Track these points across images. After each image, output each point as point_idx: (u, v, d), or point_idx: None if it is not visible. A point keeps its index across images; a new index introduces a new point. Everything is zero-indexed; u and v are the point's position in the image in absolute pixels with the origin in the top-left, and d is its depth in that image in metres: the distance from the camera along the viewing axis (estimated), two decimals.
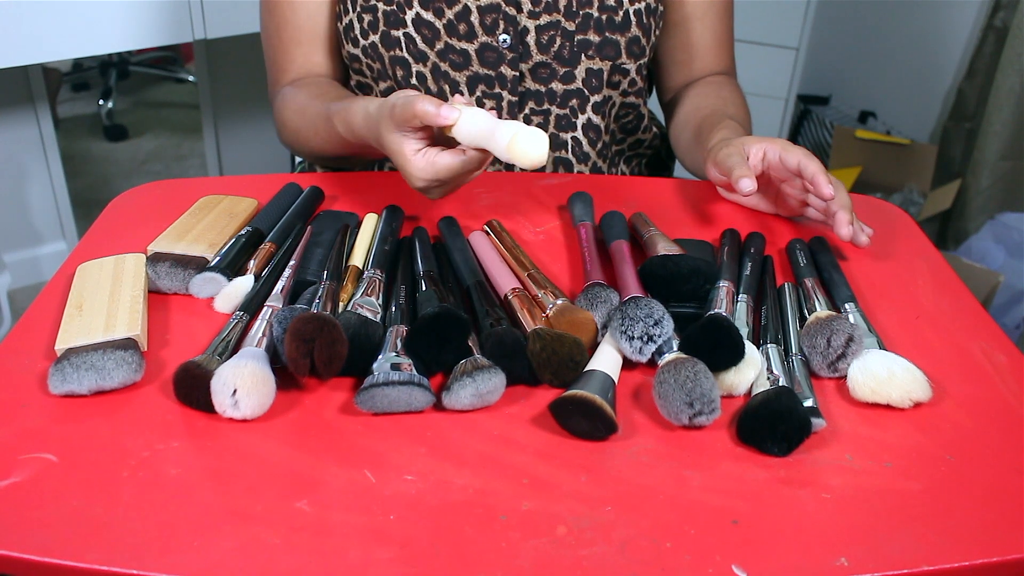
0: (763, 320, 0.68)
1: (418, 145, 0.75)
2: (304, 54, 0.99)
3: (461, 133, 0.73)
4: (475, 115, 0.72)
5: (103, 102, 3.06)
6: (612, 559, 0.49)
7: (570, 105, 0.97)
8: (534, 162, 0.68)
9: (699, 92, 1.02)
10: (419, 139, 0.75)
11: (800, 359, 0.65)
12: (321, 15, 0.98)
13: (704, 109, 0.97)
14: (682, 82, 1.06)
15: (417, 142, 0.75)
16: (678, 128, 1.02)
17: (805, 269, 0.74)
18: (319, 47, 0.99)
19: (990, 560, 0.50)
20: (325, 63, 1.00)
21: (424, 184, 0.76)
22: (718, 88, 1.01)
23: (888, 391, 0.61)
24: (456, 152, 0.74)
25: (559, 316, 0.66)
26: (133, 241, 0.77)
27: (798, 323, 0.68)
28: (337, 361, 0.60)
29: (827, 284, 0.74)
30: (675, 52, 1.05)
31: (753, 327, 0.68)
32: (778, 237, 0.84)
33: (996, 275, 1.89)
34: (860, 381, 0.62)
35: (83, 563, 0.48)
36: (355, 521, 0.51)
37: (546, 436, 0.58)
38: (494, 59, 0.93)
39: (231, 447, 0.56)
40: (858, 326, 0.65)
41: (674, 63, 1.06)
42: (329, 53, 1.00)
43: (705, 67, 1.05)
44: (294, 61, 1.00)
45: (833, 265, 0.76)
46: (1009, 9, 2.12)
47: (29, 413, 0.59)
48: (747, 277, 0.73)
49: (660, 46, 1.05)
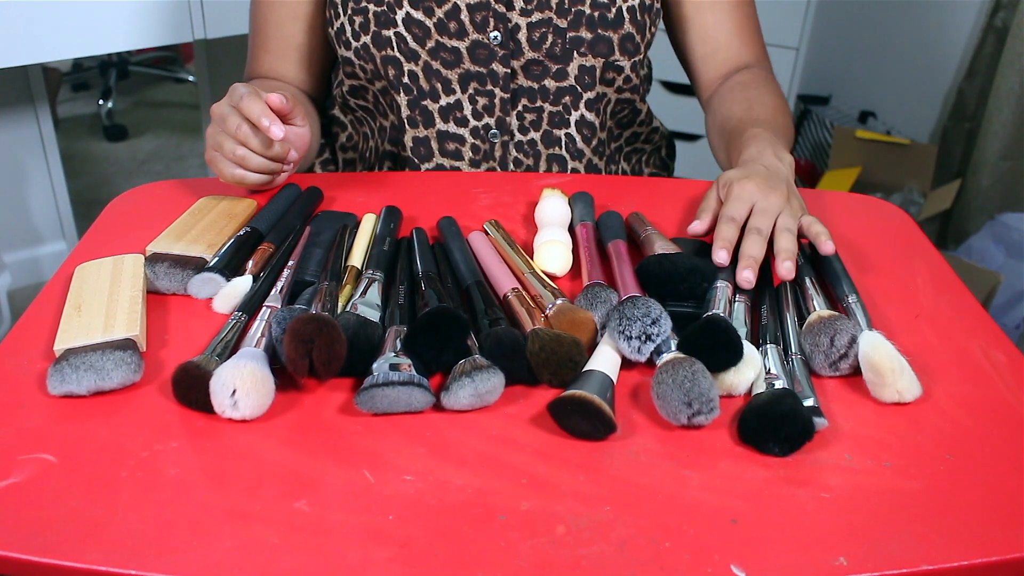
0: (763, 320, 0.68)
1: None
2: (270, 61, 1.01)
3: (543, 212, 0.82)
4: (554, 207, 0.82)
5: (103, 102, 3.06)
6: (611, 559, 0.49)
7: (563, 102, 0.97)
8: (554, 271, 0.76)
9: (725, 98, 0.98)
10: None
11: (800, 358, 0.65)
12: (294, 28, 0.99)
13: (732, 120, 0.94)
14: (714, 76, 1.03)
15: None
16: (712, 140, 0.99)
17: (804, 268, 0.74)
18: (288, 58, 1.01)
19: (990, 560, 0.50)
20: (294, 74, 1.02)
21: (225, 108, 0.81)
22: (743, 89, 0.98)
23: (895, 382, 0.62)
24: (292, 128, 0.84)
25: (558, 316, 0.66)
26: (132, 241, 0.77)
27: (797, 322, 0.68)
28: (336, 361, 0.60)
29: (828, 278, 0.74)
30: (696, 46, 1.02)
31: (752, 327, 0.68)
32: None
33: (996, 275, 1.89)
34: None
35: (82, 563, 0.48)
36: (354, 521, 0.51)
37: (545, 436, 0.58)
38: (485, 56, 0.93)
39: (230, 447, 0.56)
40: (862, 328, 0.65)
41: (699, 58, 1.03)
42: (301, 65, 1.01)
43: (732, 58, 1.01)
44: (261, 66, 1.02)
45: (837, 261, 0.76)
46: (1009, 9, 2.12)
47: (28, 414, 0.59)
48: None
49: (680, 44, 1.04)
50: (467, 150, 0.97)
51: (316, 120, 1.01)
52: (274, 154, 0.82)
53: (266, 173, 0.84)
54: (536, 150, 0.98)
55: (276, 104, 0.81)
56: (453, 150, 0.97)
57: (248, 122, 0.80)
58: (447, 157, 0.97)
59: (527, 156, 0.98)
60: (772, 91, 0.98)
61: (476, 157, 0.98)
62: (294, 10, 0.98)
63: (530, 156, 0.99)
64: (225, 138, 0.81)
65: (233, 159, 0.81)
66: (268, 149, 0.81)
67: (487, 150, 0.97)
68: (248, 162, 0.81)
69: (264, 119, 0.78)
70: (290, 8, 0.98)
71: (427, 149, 0.97)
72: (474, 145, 0.97)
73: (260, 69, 1.02)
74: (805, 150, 2.56)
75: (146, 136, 3.08)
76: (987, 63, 2.19)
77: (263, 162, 0.82)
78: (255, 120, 0.79)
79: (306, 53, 1.01)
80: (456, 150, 0.97)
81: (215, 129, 0.82)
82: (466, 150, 0.97)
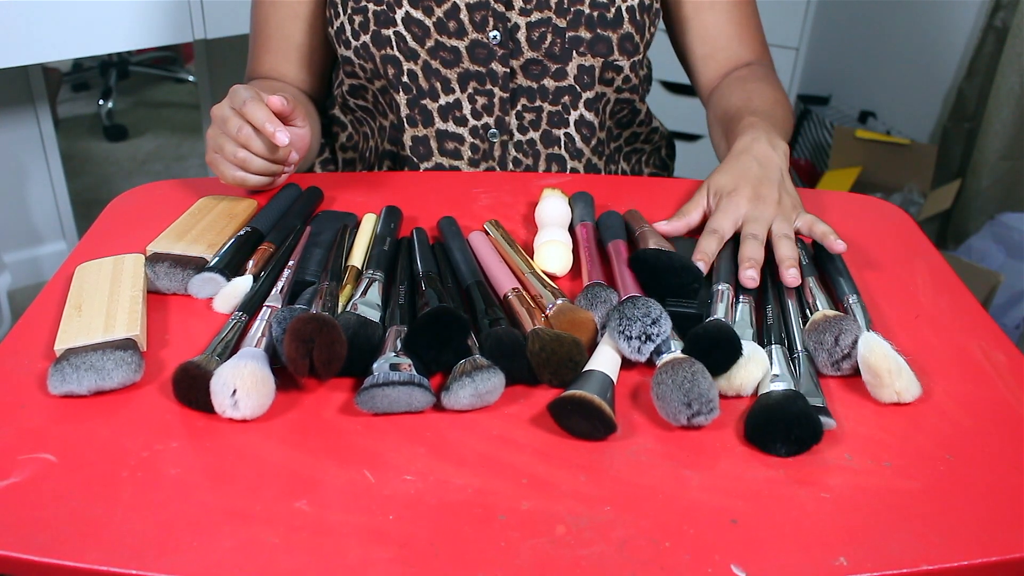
0: (768, 320, 0.68)
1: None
2: (271, 61, 1.01)
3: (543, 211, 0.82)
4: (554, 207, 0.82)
5: (103, 102, 3.06)
6: (611, 559, 0.49)
7: (562, 102, 0.97)
8: (554, 271, 0.76)
9: (725, 92, 0.99)
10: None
11: (804, 355, 0.65)
12: (295, 27, 0.99)
13: (730, 110, 0.94)
14: (715, 76, 1.03)
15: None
16: (713, 133, 0.99)
17: (807, 268, 0.74)
18: (288, 58, 1.01)
19: (989, 560, 0.50)
20: (294, 74, 1.02)
21: (226, 111, 0.81)
22: (743, 82, 0.98)
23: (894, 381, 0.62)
24: (295, 131, 0.84)
25: (558, 316, 0.66)
26: (132, 241, 0.77)
27: (801, 321, 0.68)
28: (336, 361, 0.60)
29: (830, 279, 0.74)
30: (696, 47, 1.02)
31: (757, 327, 0.68)
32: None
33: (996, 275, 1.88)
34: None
35: (82, 563, 0.48)
36: (354, 521, 0.51)
37: (545, 436, 0.58)
38: (484, 56, 0.93)
39: (230, 447, 0.56)
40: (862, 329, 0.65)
41: (699, 58, 1.03)
42: (301, 65, 1.02)
43: (732, 57, 1.01)
44: (262, 66, 1.02)
45: (839, 261, 0.76)
46: (1009, 9, 2.12)
47: (28, 413, 0.59)
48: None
49: (680, 44, 1.04)
50: (466, 149, 0.97)
51: (316, 120, 1.01)
52: (276, 157, 0.82)
53: (267, 175, 0.84)
54: (535, 150, 0.98)
55: (277, 107, 0.81)
56: (452, 149, 0.97)
57: (250, 125, 0.80)
58: (446, 156, 0.97)
59: (526, 156, 0.99)
60: (772, 85, 0.98)
61: (475, 156, 0.98)
62: (295, 10, 0.98)
63: (529, 156, 0.99)
64: (226, 140, 0.81)
65: (234, 161, 0.81)
66: (271, 152, 0.82)
67: (486, 149, 0.97)
68: (250, 165, 0.81)
69: (268, 124, 0.78)
70: (291, 8, 0.98)
71: (426, 148, 0.97)
72: (473, 144, 0.97)
73: (261, 69, 1.02)
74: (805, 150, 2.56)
75: (146, 136, 3.08)
76: (987, 63, 2.19)
77: (264, 164, 0.82)
78: (259, 126, 0.79)
79: (307, 53, 1.01)
80: (455, 149, 0.97)
81: (216, 131, 0.82)
82: (465, 149, 0.97)
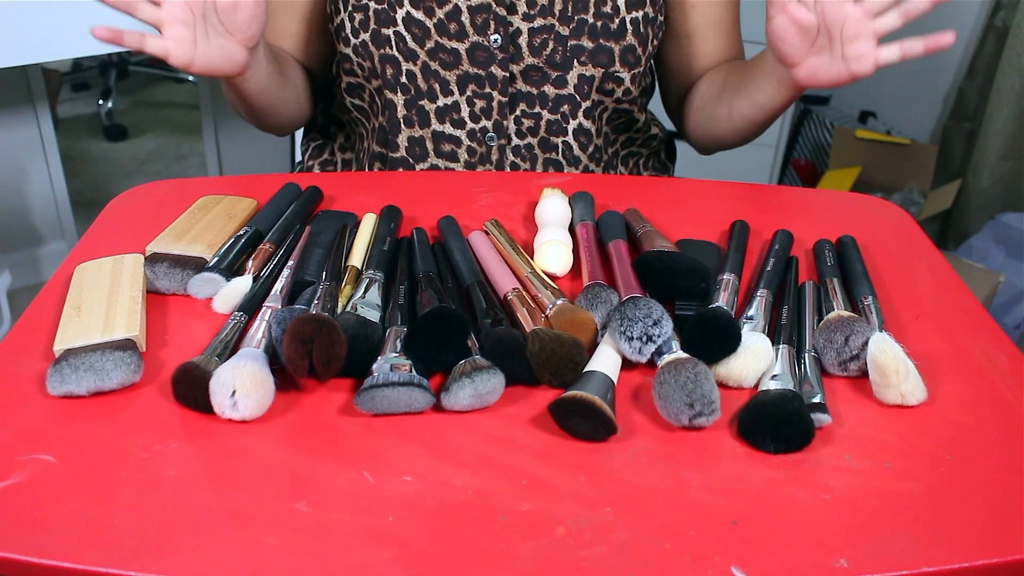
0: (782, 319, 0.68)
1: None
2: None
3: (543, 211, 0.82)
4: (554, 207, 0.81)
5: (103, 102, 3.06)
6: (611, 560, 0.49)
7: (561, 111, 0.96)
8: (554, 271, 0.75)
9: (707, 76, 1.01)
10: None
11: (812, 355, 0.65)
12: (289, 18, 0.99)
13: (722, 70, 0.97)
14: (684, 89, 1.05)
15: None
16: (703, 109, 1.00)
17: (830, 269, 0.74)
18: (283, 45, 1.00)
19: (990, 561, 0.50)
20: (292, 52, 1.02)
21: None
22: (723, 66, 1.01)
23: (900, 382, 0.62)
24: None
25: (559, 316, 0.66)
26: (132, 241, 0.77)
27: (815, 321, 0.68)
28: (336, 362, 0.60)
29: (849, 280, 0.74)
30: (693, 61, 1.03)
31: (770, 324, 0.68)
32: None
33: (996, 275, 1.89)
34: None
35: (81, 564, 0.48)
36: (354, 522, 0.51)
37: (545, 437, 0.58)
38: (484, 59, 0.93)
39: (230, 448, 0.56)
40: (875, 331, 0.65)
41: (694, 70, 1.04)
42: (296, 54, 1.01)
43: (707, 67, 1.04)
44: None
45: (859, 262, 0.76)
46: (1009, 9, 2.12)
47: (28, 414, 0.59)
48: (768, 273, 0.73)
49: (670, 56, 1.04)
50: (463, 152, 0.97)
51: (297, 82, 1.00)
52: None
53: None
54: (532, 154, 0.98)
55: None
56: (448, 151, 0.97)
57: None
58: (442, 158, 0.97)
59: (523, 160, 0.98)
60: None
61: (472, 159, 0.97)
62: (290, 1, 0.98)
63: (527, 160, 0.98)
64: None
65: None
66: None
67: (483, 153, 0.97)
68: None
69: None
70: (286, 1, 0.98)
71: (422, 149, 0.97)
72: (470, 147, 0.97)
73: None
74: (805, 150, 2.56)
75: (146, 136, 3.08)
76: (987, 63, 2.19)
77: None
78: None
79: (301, 43, 1.01)
80: (452, 151, 0.97)
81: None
82: (462, 152, 0.97)
